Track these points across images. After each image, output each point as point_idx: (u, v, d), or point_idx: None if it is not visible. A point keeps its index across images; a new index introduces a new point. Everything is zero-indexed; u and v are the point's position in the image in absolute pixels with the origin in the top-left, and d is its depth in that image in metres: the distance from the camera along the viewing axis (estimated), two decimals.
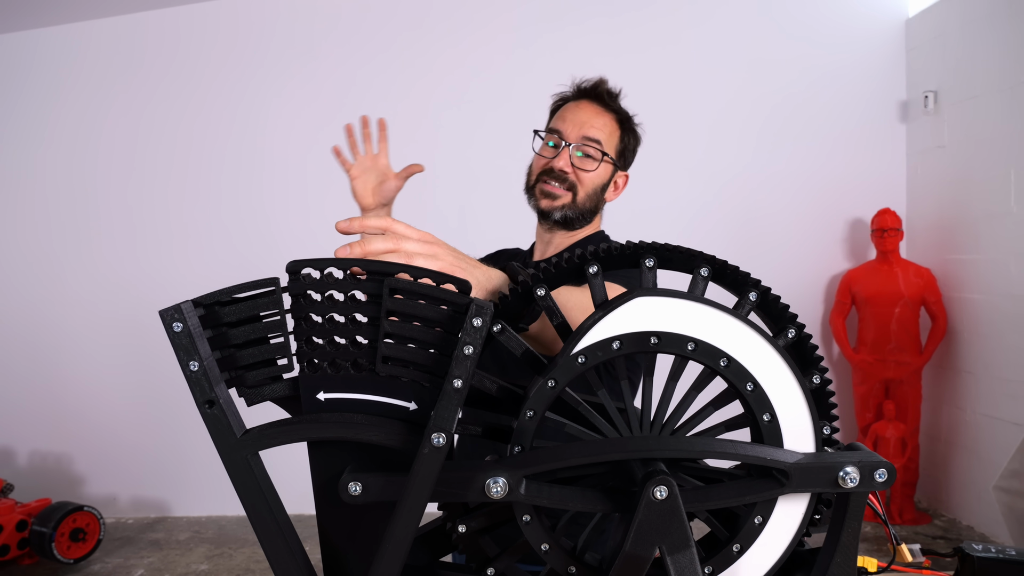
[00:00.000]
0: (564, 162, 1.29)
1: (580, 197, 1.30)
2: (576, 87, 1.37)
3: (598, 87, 1.35)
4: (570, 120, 1.32)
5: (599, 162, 1.30)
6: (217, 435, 0.57)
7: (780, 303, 0.63)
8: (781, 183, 3.65)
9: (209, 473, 3.73)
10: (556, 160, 1.30)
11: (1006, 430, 3.03)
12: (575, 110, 1.33)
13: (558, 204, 1.30)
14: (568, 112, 1.34)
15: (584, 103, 1.34)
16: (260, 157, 3.91)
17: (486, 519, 0.63)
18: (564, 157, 1.30)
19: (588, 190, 1.31)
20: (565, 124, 1.32)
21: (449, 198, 3.59)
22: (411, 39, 3.82)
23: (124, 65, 4.01)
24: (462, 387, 0.56)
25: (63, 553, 3.11)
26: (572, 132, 1.30)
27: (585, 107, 1.33)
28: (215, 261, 3.90)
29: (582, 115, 1.32)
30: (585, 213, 1.32)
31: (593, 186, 1.31)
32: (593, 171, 1.30)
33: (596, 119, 1.32)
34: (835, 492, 0.59)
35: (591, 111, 1.33)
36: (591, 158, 1.30)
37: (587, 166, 1.30)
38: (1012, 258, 3.02)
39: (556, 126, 1.33)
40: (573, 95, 1.37)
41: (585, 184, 1.30)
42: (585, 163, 1.30)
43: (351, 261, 0.58)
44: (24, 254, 4.12)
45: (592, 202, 1.32)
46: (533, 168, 1.36)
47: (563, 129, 1.31)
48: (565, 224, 1.32)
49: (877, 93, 3.63)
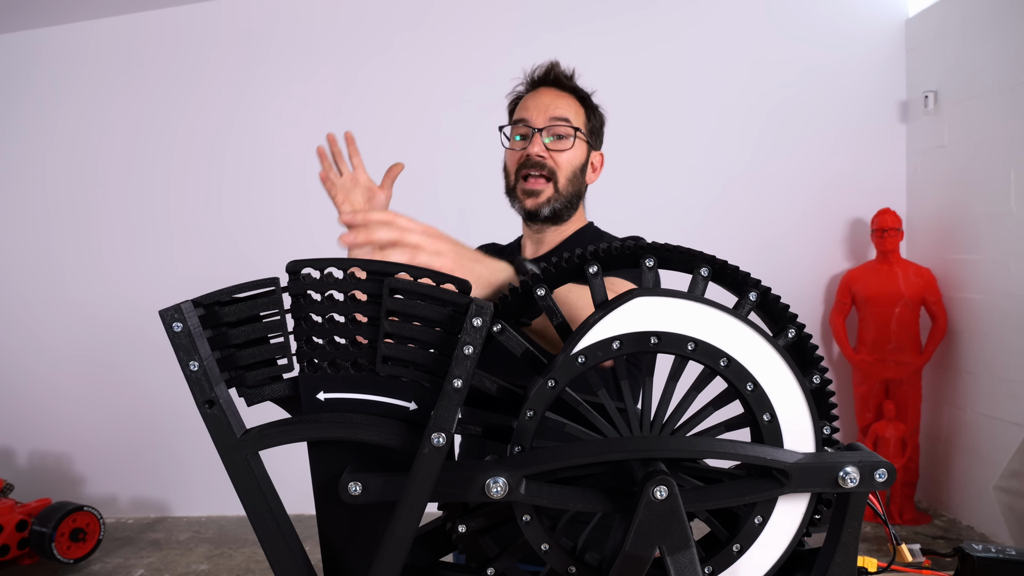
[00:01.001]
0: (538, 147, 1.26)
1: (561, 183, 1.27)
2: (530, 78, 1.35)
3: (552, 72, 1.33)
4: (532, 107, 1.29)
5: (572, 139, 1.28)
6: (217, 435, 0.57)
7: (780, 303, 0.63)
8: (781, 183, 3.65)
9: (209, 473, 3.74)
10: (530, 147, 1.26)
11: (1006, 430, 3.03)
12: (535, 98, 1.31)
13: (543, 199, 1.27)
14: (528, 101, 1.32)
15: (541, 90, 1.32)
16: (260, 157, 3.91)
17: (486, 519, 0.63)
18: (536, 143, 1.27)
19: (568, 173, 1.28)
20: (529, 112, 1.29)
21: (449, 198, 3.59)
22: (411, 39, 3.82)
23: (124, 65, 4.01)
24: (462, 387, 0.56)
25: (63, 553, 3.11)
26: (538, 117, 1.28)
27: (544, 92, 1.32)
28: (215, 261, 3.90)
29: (543, 100, 1.30)
30: (571, 200, 1.29)
31: (572, 168, 1.29)
32: (569, 150, 1.28)
33: (558, 100, 1.30)
34: (835, 492, 0.59)
35: (551, 94, 1.31)
36: (563, 137, 1.28)
37: (561, 146, 1.27)
38: (1012, 258, 3.02)
39: (520, 116, 1.31)
40: (528, 86, 1.36)
41: (563, 167, 1.28)
42: (559, 144, 1.28)
43: (351, 261, 0.58)
44: (24, 254, 4.12)
45: (574, 186, 1.30)
46: (508, 167, 1.33)
47: (528, 116, 1.29)
48: (554, 218, 1.29)
49: (877, 93, 3.63)
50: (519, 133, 1.30)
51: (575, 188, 1.30)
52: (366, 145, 3.70)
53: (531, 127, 1.27)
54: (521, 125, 1.29)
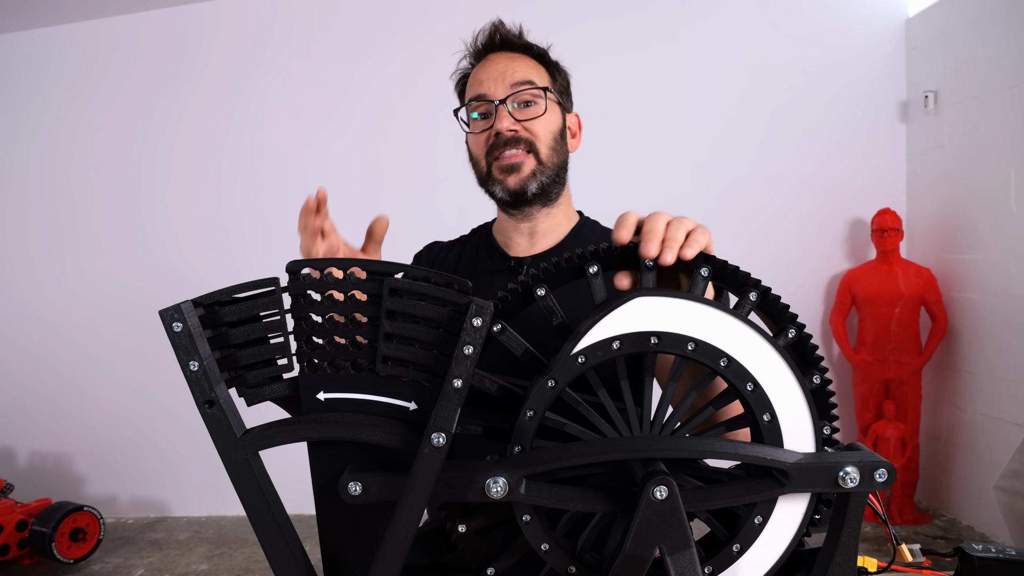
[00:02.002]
0: (506, 121, 1.06)
1: (544, 153, 1.08)
2: (473, 47, 1.16)
3: (497, 33, 1.13)
4: (487, 78, 1.09)
5: (543, 100, 1.08)
6: (217, 435, 0.57)
7: (780, 303, 0.63)
8: (781, 183, 3.65)
9: (209, 473, 3.74)
10: (496, 123, 1.06)
11: (1006, 430, 3.03)
12: (486, 67, 1.11)
13: (527, 173, 1.07)
14: (480, 73, 1.11)
15: (490, 57, 1.13)
16: (259, 157, 3.91)
17: (486, 519, 0.63)
18: (503, 116, 1.06)
19: (548, 141, 1.09)
20: (484, 84, 1.09)
21: (449, 198, 3.59)
22: (410, 38, 3.82)
23: (122, 65, 4.01)
24: (462, 387, 0.56)
25: (63, 553, 3.11)
26: (496, 87, 1.08)
27: (495, 59, 1.12)
28: (214, 261, 3.90)
29: (497, 67, 1.10)
30: (557, 172, 1.11)
31: (551, 133, 1.10)
32: (542, 115, 1.08)
33: (513, 63, 1.10)
34: (835, 492, 0.59)
35: (503, 59, 1.11)
36: (532, 103, 1.08)
37: (532, 112, 1.08)
38: (1012, 258, 3.02)
39: (475, 92, 1.10)
40: (473, 58, 1.16)
41: (542, 136, 1.08)
42: (528, 111, 1.08)
43: (351, 261, 0.58)
44: (23, 253, 4.12)
45: (558, 155, 1.11)
46: (474, 153, 1.14)
47: (484, 90, 1.09)
48: (543, 195, 1.10)
49: (877, 93, 3.63)
50: (479, 111, 1.10)
51: (559, 158, 1.12)
52: (366, 145, 3.76)
53: (490, 100, 1.08)
54: (479, 102, 1.09)
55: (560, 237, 1.15)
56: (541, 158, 1.08)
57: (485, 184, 1.14)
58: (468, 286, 0.58)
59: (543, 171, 1.09)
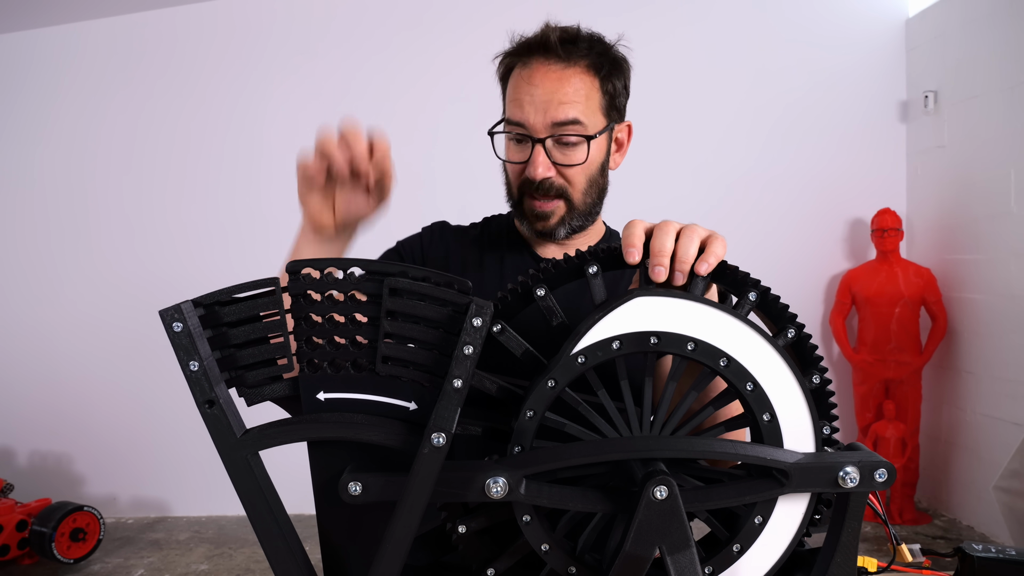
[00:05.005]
0: (543, 167, 0.98)
1: (576, 198, 1.02)
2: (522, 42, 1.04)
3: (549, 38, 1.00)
4: (528, 103, 0.98)
5: (586, 145, 0.99)
6: (217, 435, 0.57)
7: (780, 303, 0.63)
8: (781, 184, 3.65)
9: (209, 473, 3.74)
10: (530, 169, 0.99)
11: (1006, 430, 3.03)
12: (532, 86, 0.98)
13: (555, 221, 1.02)
14: (522, 91, 0.99)
15: (537, 67, 0.99)
16: (259, 156, 3.90)
17: (486, 519, 0.63)
18: (539, 160, 0.98)
19: (583, 185, 1.02)
20: (524, 110, 0.98)
21: (449, 198, 3.59)
22: (409, 38, 3.82)
23: (122, 65, 4.01)
24: (462, 387, 0.56)
25: (63, 553, 3.11)
26: (537, 121, 0.97)
27: (542, 77, 0.98)
28: (214, 261, 3.90)
29: (542, 91, 0.97)
30: (591, 209, 1.05)
31: (588, 176, 1.02)
32: (583, 163, 1.00)
33: (560, 89, 0.97)
34: (835, 492, 0.59)
35: (551, 78, 0.98)
36: (573, 145, 0.99)
37: (572, 159, 0.99)
38: (1012, 258, 3.02)
39: (515, 116, 1.00)
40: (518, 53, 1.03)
41: (576, 182, 1.01)
42: (568, 155, 0.99)
43: (351, 261, 0.58)
44: (22, 254, 4.12)
45: (595, 191, 1.04)
46: (509, 177, 1.06)
47: (525, 119, 0.98)
48: (573, 233, 1.06)
49: (877, 93, 3.63)
50: (516, 136, 1.01)
51: (595, 193, 1.05)
52: None
53: (529, 136, 0.99)
54: (516, 127, 1.00)
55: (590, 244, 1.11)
56: (573, 203, 1.02)
57: (514, 210, 1.08)
58: (468, 286, 0.58)
59: (573, 215, 1.03)
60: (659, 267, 0.63)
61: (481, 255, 1.13)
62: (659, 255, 0.63)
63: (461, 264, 1.12)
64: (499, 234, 1.15)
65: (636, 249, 0.64)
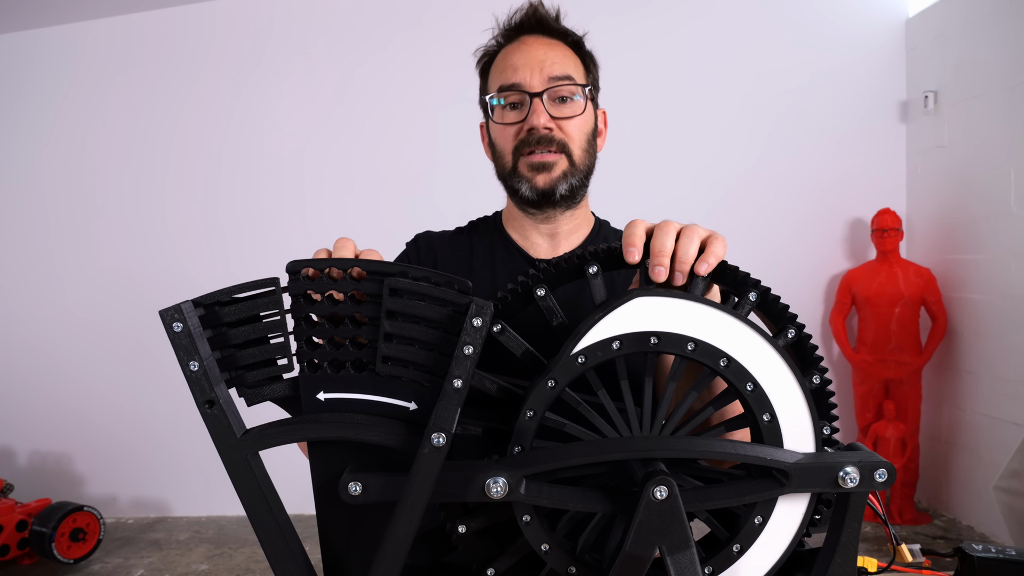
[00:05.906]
0: (543, 117, 0.98)
1: (577, 154, 1.01)
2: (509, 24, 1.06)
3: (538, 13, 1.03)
4: (523, 65, 1.00)
5: (582, 99, 1.01)
6: (217, 435, 0.57)
7: (780, 303, 0.63)
8: (781, 184, 3.65)
9: (209, 473, 3.74)
10: (532, 117, 0.98)
11: (1006, 430, 3.03)
12: (521, 52, 1.01)
13: (558, 174, 1.00)
14: (514, 58, 1.02)
15: (526, 40, 1.03)
16: (259, 156, 3.90)
17: (486, 519, 0.63)
18: (539, 112, 0.98)
19: (581, 144, 1.02)
20: (519, 72, 1.00)
21: (449, 198, 3.59)
22: (409, 38, 3.82)
23: (121, 65, 4.01)
24: (462, 387, 0.56)
25: (63, 553, 3.11)
26: (533, 77, 0.99)
27: (530, 44, 1.02)
28: (214, 261, 3.90)
29: (534, 53, 1.00)
30: (586, 175, 1.05)
31: (585, 136, 1.03)
32: (580, 114, 1.01)
33: (551, 52, 1.01)
34: (835, 492, 0.59)
35: (540, 45, 1.02)
36: (569, 100, 1.01)
37: (570, 111, 1.00)
38: (1012, 258, 3.02)
39: (509, 79, 1.00)
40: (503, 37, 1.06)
41: (576, 137, 1.01)
42: (564, 108, 1.00)
43: (351, 261, 0.58)
44: (23, 253, 4.12)
45: (589, 157, 1.05)
46: (500, 145, 1.04)
47: (520, 79, 0.99)
48: (570, 197, 1.03)
49: (877, 93, 3.63)
50: (511, 101, 1.01)
51: (590, 160, 1.05)
52: (365, 144, 3.75)
53: (526, 91, 0.99)
54: (512, 91, 1.00)
55: (581, 239, 1.10)
56: (574, 160, 1.01)
57: (509, 179, 1.04)
58: (468, 286, 0.58)
59: (574, 173, 1.02)
60: (659, 267, 0.63)
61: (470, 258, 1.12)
62: (659, 255, 0.63)
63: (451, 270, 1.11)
64: (487, 236, 1.14)
65: (636, 249, 0.64)
